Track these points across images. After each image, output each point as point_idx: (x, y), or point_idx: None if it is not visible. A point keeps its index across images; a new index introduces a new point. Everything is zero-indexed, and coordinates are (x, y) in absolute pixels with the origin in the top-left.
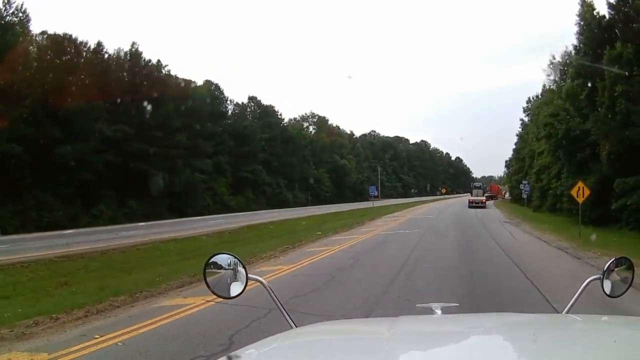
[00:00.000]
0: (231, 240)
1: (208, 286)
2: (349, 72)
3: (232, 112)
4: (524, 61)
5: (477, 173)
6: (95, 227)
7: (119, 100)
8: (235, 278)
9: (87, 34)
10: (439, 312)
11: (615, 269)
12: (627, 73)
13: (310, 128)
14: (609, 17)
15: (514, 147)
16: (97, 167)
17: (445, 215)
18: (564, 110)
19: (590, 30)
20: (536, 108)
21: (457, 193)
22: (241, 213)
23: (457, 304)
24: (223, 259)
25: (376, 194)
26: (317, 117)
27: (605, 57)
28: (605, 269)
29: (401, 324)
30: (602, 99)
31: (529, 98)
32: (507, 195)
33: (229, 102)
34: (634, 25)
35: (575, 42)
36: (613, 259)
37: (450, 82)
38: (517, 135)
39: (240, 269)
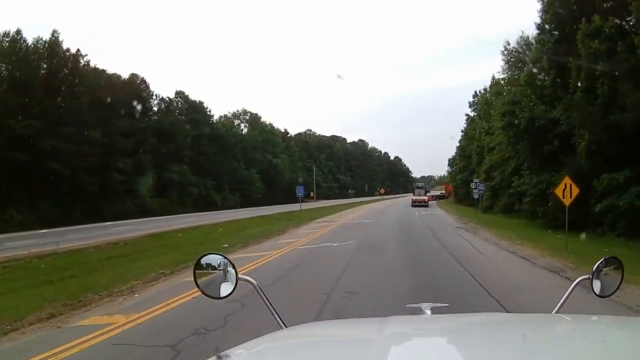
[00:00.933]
0: (121, 254)
1: (198, 286)
2: (285, 69)
3: (158, 108)
4: (466, 61)
5: (416, 173)
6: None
7: (33, 93)
8: (225, 278)
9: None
10: (428, 312)
11: (605, 269)
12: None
13: (242, 126)
14: None
15: (458, 144)
16: (6, 166)
17: (386, 219)
18: (525, 96)
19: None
20: (484, 104)
21: (396, 193)
22: (161, 217)
23: (447, 304)
24: (213, 259)
25: (304, 194)
26: (249, 114)
27: (580, 33)
28: (594, 268)
29: (391, 324)
30: (577, 81)
31: (475, 92)
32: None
33: (154, 97)
34: None
35: (530, 26)
36: (602, 258)
37: (389, 82)
38: (462, 131)
39: (230, 269)
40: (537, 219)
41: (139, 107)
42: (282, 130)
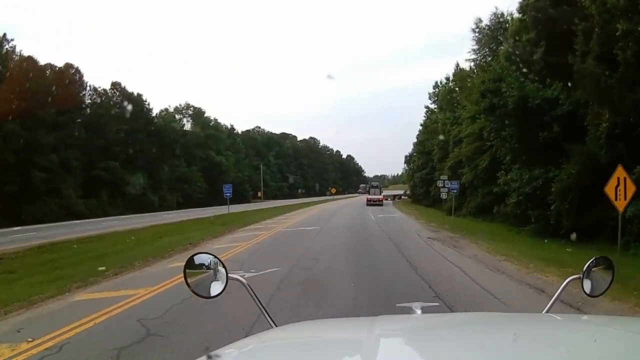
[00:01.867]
0: None
1: (188, 286)
2: (235, 65)
3: (91, 100)
4: (422, 62)
5: (369, 172)
6: None
7: None
8: (215, 278)
9: None
10: (418, 311)
11: (596, 269)
12: None
13: (185, 121)
14: None
15: (416, 139)
16: None
17: (335, 225)
18: (510, 73)
19: None
20: (446, 94)
21: (348, 193)
22: (84, 221)
23: (437, 304)
24: (203, 258)
25: (231, 195)
26: (192, 108)
27: None
28: (585, 268)
29: (381, 324)
30: (585, 48)
31: (436, 82)
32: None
33: (88, 88)
34: None
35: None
36: (593, 258)
37: (342, 82)
38: (420, 125)
39: (221, 268)
40: (527, 224)
41: (70, 98)
42: (229, 127)
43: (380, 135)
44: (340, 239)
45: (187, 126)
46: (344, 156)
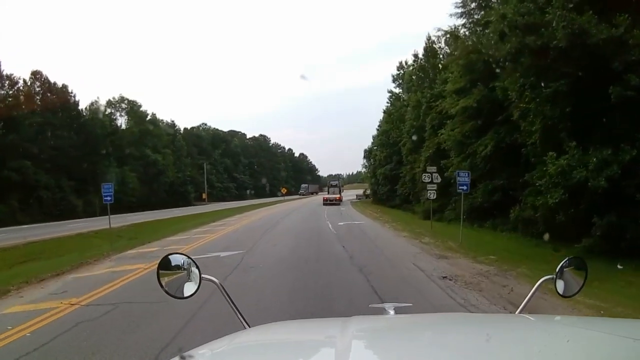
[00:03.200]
0: None
1: (162, 286)
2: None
3: (4, 91)
4: (376, 63)
5: (323, 172)
6: None
7: None
8: (189, 278)
9: None
10: (392, 312)
11: (569, 269)
12: None
13: (119, 115)
14: None
15: (378, 130)
16: None
17: (272, 247)
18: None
19: None
20: (418, 71)
21: (321, 191)
22: None
23: (411, 304)
24: (177, 259)
25: (112, 199)
26: (126, 101)
27: None
28: (558, 269)
29: (354, 324)
30: None
31: (400, 63)
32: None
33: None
34: None
35: None
36: (566, 259)
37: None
38: (384, 112)
39: (194, 269)
40: (569, 238)
41: None
42: (170, 122)
43: (334, 135)
44: (274, 283)
45: (122, 122)
46: (297, 155)
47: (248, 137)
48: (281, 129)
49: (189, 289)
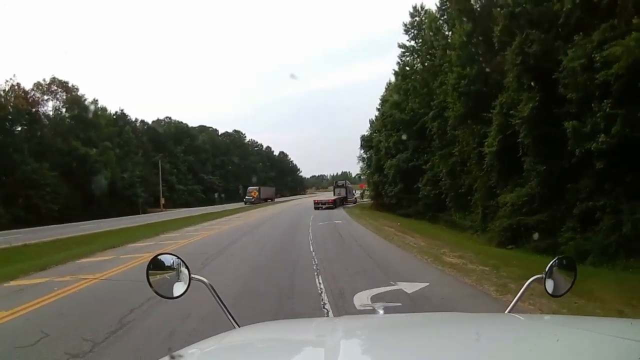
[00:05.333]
0: None
1: (151, 286)
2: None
3: None
4: (357, 62)
5: (306, 172)
6: None
7: None
8: (178, 278)
9: None
10: (381, 311)
11: (558, 269)
12: None
13: (49, 100)
14: None
15: (380, 106)
16: None
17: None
18: None
19: None
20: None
21: (282, 196)
22: None
23: (400, 304)
24: (167, 259)
25: None
26: (56, 82)
27: None
28: (547, 268)
29: (344, 323)
30: None
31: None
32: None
33: None
34: None
35: None
36: (556, 258)
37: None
38: (395, 73)
39: (184, 269)
40: None
41: None
42: (119, 112)
43: (316, 135)
44: None
45: (47, 109)
46: (276, 153)
47: (220, 132)
48: (261, 132)
49: (179, 288)
